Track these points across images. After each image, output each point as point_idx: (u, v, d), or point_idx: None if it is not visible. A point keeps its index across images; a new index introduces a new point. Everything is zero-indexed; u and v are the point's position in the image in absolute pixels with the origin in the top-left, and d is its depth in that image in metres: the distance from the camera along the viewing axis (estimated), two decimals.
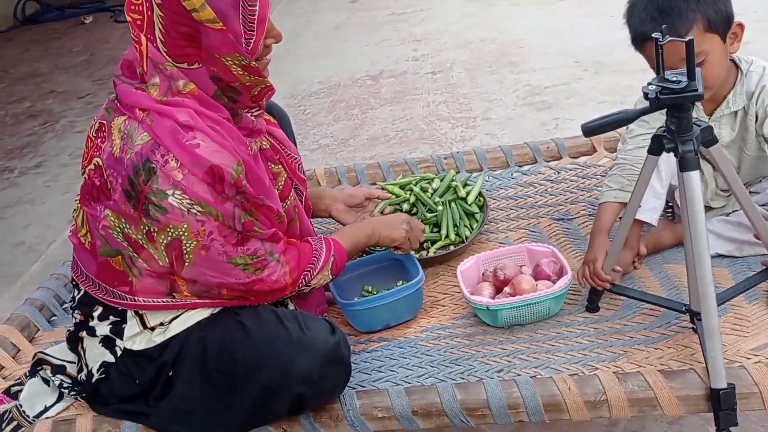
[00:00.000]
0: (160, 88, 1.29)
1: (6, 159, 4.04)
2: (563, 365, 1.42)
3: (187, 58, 1.27)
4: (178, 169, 1.25)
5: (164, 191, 1.25)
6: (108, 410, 1.47)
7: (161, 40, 1.27)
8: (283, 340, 1.33)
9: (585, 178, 2.03)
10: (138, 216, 1.29)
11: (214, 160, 1.26)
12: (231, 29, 1.25)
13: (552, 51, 3.99)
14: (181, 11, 1.23)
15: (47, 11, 7.29)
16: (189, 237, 1.28)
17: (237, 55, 1.27)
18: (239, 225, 1.31)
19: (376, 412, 1.37)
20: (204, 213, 1.27)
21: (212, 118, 1.30)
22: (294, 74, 4.32)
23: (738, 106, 1.59)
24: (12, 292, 2.73)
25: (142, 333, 1.40)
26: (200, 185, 1.26)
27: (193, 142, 1.25)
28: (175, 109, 1.28)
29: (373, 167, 2.25)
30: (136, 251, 1.33)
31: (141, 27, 1.28)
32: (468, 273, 1.66)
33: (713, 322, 1.25)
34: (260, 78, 1.33)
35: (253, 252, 1.35)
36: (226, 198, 1.28)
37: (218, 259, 1.32)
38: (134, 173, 1.26)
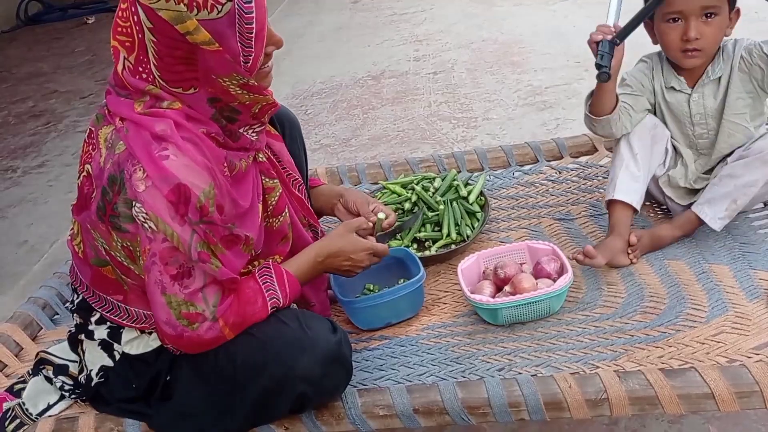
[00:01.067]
0: (145, 105, 1.26)
1: (9, 158, 4.05)
2: (564, 364, 1.42)
3: (182, 83, 1.24)
4: (143, 180, 1.20)
5: (130, 201, 1.21)
6: (110, 409, 1.47)
7: (155, 64, 1.22)
8: (284, 340, 1.33)
9: (586, 179, 2.03)
10: (107, 230, 1.26)
11: (182, 177, 1.20)
12: (228, 49, 1.21)
13: (553, 51, 3.99)
14: (174, 35, 1.19)
15: (50, 11, 7.32)
16: (141, 255, 1.25)
17: (234, 75, 1.23)
18: (195, 253, 1.23)
19: (377, 411, 1.38)
20: (155, 231, 1.21)
21: (193, 132, 1.26)
22: (296, 74, 4.33)
23: (717, 74, 1.66)
24: (15, 291, 2.74)
25: (140, 337, 1.41)
26: (161, 201, 1.20)
27: (162, 153, 1.21)
28: (154, 119, 1.24)
29: (375, 167, 2.26)
30: (119, 268, 1.31)
31: (131, 49, 1.23)
32: (468, 271, 1.66)
33: None
34: (260, 96, 1.30)
35: (189, 295, 1.26)
36: (186, 221, 1.22)
37: (154, 288, 1.25)
38: (109, 184, 1.24)
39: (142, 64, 1.24)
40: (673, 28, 1.60)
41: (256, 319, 1.34)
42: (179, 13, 1.17)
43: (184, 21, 1.17)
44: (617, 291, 1.60)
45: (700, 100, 1.68)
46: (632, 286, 1.60)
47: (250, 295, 1.35)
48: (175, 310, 1.26)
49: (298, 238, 1.54)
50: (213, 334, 1.30)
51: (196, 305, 1.27)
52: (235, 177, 1.34)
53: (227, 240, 1.29)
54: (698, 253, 1.64)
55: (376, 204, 1.70)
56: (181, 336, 1.28)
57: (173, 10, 1.17)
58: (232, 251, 1.30)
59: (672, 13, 1.59)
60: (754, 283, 1.53)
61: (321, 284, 1.62)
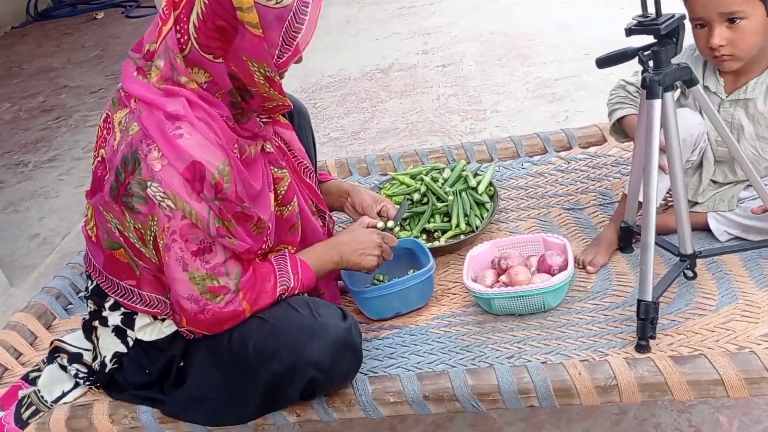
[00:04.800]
0: (162, 73, 1.26)
1: (20, 153, 4.08)
2: (574, 351, 1.42)
3: (213, 50, 1.25)
4: (159, 160, 1.21)
5: (145, 181, 1.22)
6: (124, 395, 1.49)
7: (195, 25, 1.23)
8: (295, 326, 1.34)
9: (595, 168, 2.03)
10: (120, 211, 1.27)
11: (197, 155, 1.22)
12: (268, 39, 1.22)
13: (562, 43, 3.98)
14: (227, 5, 1.20)
15: (59, 7, 7.37)
16: (159, 234, 1.26)
17: (265, 65, 1.25)
18: (213, 229, 1.26)
19: (388, 397, 1.39)
20: (173, 209, 1.23)
21: (207, 111, 1.27)
22: (304, 68, 4.31)
23: (754, 95, 1.58)
24: (27, 283, 2.77)
25: (153, 324, 1.43)
26: (177, 179, 1.21)
27: (176, 132, 1.22)
28: (168, 99, 1.24)
29: (384, 158, 2.26)
30: (132, 250, 1.32)
31: (176, 5, 1.24)
32: (478, 258, 1.67)
33: (649, 238, 1.38)
34: (279, 95, 1.31)
35: (211, 269, 1.29)
36: (203, 199, 1.24)
37: (175, 266, 1.27)
38: (122, 164, 1.24)
39: (181, 23, 1.24)
40: (700, 33, 1.54)
41: (268, 298, 1.37)
42: None
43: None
44: (627, 280, 1.61)
45: (731, 110, 1.61)
46: None
47: (265, 273, 1.38)
48: (199, 285, 1.29)
49: (308, 226, 1.56)
50: (232, 308, 1.32)
51: (219, 279, 1.30)
52: (245, 161, 1.36)
53: (239, 216, 1.31)
54: (708, 243, 1.64)
55: (384, 203, 1.71)
56: (202, 311, 1.31)
57: None
58: (243, 228, 1.32)
59: (695, 19, 1.53)
60: (764, 272, 1.53)
61: (331, 273, 1.63)
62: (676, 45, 1.36)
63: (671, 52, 1.36)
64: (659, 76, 1.35)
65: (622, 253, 1.70)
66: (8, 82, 5.45)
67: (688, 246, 1.48)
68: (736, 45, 1.50)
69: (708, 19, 1.49)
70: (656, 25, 1.32)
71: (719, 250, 1.58)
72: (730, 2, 1.45)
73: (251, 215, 1.33)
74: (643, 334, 1.38)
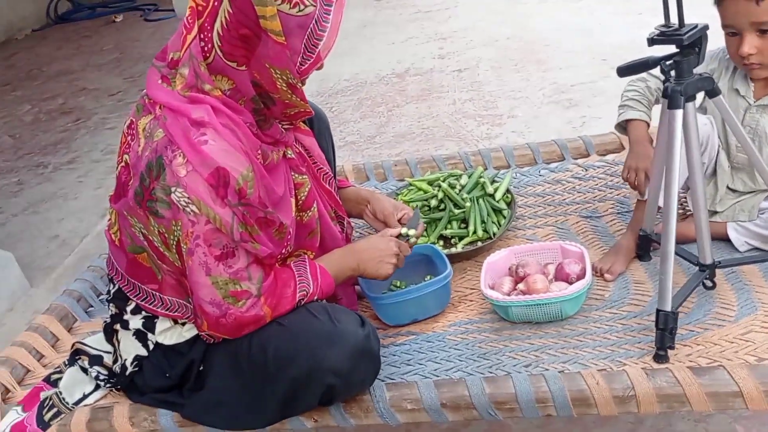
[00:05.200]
0: (186, 82, 1.28)
1: (40, 155, 4.13)
2: (591, 360, 1.42)
3: (236, 58, 1.26)
4: (184, 165, 1.23)
5: (169, 187, 1.24)
6: (144, 399, 1.51)
7: (219, 33, 1.25)
8: (314, 332, 1.35)
9: (613, 176, 2.02)
10: (145, 215, 1.29)
11: (221, 161, 1.23)
12: (290, 46, 1.24)
13: (579, 49, 3.97)
14: (250, 14, 1.22)
15: (79, 10, 7.45)
16: (182, 239, 1.27)
17: (287, 72, 1.26)
18: (237, 234, 1.28)
19: (405, 404, 1.39)
20: (197, 214, 1.24)
21: (231, 117, 1.28)
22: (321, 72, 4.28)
23: None
24: (47, 284, 2.80)
25: (173, 328, 1.44)
26: (202, 184, 1.23)
27: (201, 139, 1.24)
28: (192, 106, 1.26)
29: (401, 164, 2.27)
30: (156, 253, 1.34)
31: (201, 14, 1.26)
32: (496, 265, 1.67)
33: (669, 248, 1.37)
34: (301, 101, 1.33)
35: (234, 274, 1.30)
36: (227, 204, 1.25)
37: (198, 270, 1.29)
38: (147, 170, 1.26)
39: (204, 30, 1.26)
40: (732, 41, 1.55)
41: (288, 303, 1.38)
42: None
43: (266, 5, 1.21)
44: (645, 289, 1.60)
45: (757, 116, 1.61)
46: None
47: (286, 279, 1.40)
48: (221, 290, 1.30)
49: (327, 231, 1.57)
50: (254, 312, 1.34)
51: (241, 283, 1.32)
52: (268, 167, 1.37)
53: (261, 222, 1.32)
54: (728, 253, 1.64)
55: (404, 211, 1.72)
56: (224, 315, 1.32)
57: None
58: (265, 233, 1.34)
59: (727, 27, 1.53)
60: None
61: (349, 279, 1.64)
62: (698, 55, 1.36)
63: (693, 63, 1.36)
64: (681, 86, 1.36)
65: (640, 262, 1.70)
66: (29, 84, 5.51)
67: (708, 256, 1.48)
68: (765, 54, 1.51)
69: (739, 28, 1.50)
70: (679, 35, 1.32)
71: (739, 260, 1.58)
72: (762, 12, 1.46)
73: (273, 220, 1.34)
74: (661, 344, 1.38)
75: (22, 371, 1.68)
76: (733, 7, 1.49)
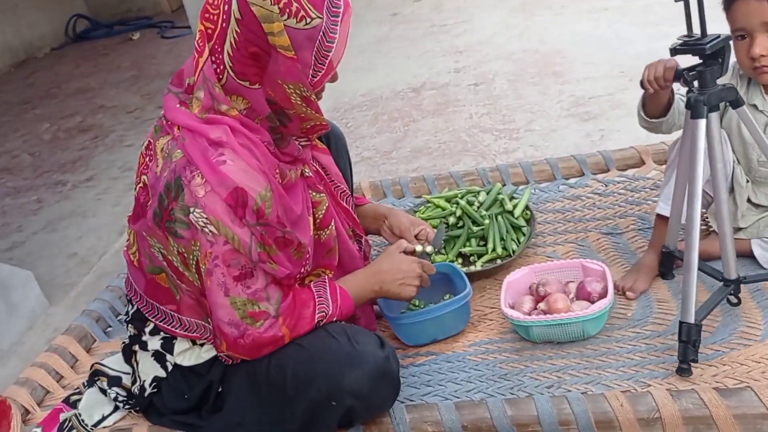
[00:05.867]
0: (203, 104, 1.29)
1: (59, 173, 4.17)
2: (615, 381, 1.40)
3: (249, 77, 1.27)
4: (202, 186, 1.23)
5: (188, 207, 1.24)
6: (163, 420, 1.50)
7: (229, 54, 1.26)
8: (333, 354, 1.34)
9: (634, 191, 2.00)
10: (164, 236, 1.29)
11: (239, 181, 1.23)
12: (301, 59, 1.24)
13: (596, 61, 3.95)
14: (258, 32, 1.23)
15: (96, 28, 7.54)
16: (201, 259, 1.27)
17: (300, 85, 1.26)
18: (255, 254, 1.28)
19: (426, 427, 1.38)
20: (216, 234, 1.24)
21: (248, 137, 1.29)
22: (336, 88, 4.29)
23: None
24: (66, 302, 2.81)
25: (192, 349, 1.44)
26: (220, 205, 1.23)
27: (219, 159, 1.24)
28: (210, 126, 1.27)
29: (419, 180, 2.26)
30: (175, 273, 1.34)
31: (210, 37, 1.27)
32: (516, 284, 1.66)
33: (693, 257, 1.37)
34: (316, 114, 1.32)
35: (252, 294, 1.30)
36: (245, 224, 1.26)
37: (217, 291, 1.28)
38: (165, 190, 1.26)
39: (215, 53, 1.27)
40: (741, 45, 1.52)
41: (307, 324, 1.37)
42: (270, 13, 1.21)
43: (272, 22, 1.21)
44: (668, 308, 1.58)
45: None
46: None
47: (305, 299, 1.39)
48: (239, 310, 1.30)
49: (345, 251, 1.56)
50: (272, 333, 1.33)
51: (260, 304, 1.31)
52: (286, 186, 1.37)
53: (280, 241, 1.32)
54: (752, 270, 1.61)
55: (422, 227, 1.71)
56: (242, 335, 1.31)
57: (266, 9, 1.21)
58: (283, 253, 1.33)
59: (737, 30, 1.52)
60: None
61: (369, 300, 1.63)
62: (721, 66, 1.34)
63: (717, 73, 1.35)
64: (704, 96, 1.34)
65: (663, 280, 1.67)
66: (47, 103, 5.58)
67: (732, 271, 1.45)
68: None
69: (750, 29, 1.49)
70: (701, 45, 1.31)
71: (764, 276, 1.54)
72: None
73: (292, 240, 1.34)
74: (684, 357, 1.36)
75: (42, 392, 1.68)
76: (743, 8, 1.47)
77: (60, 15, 7.40)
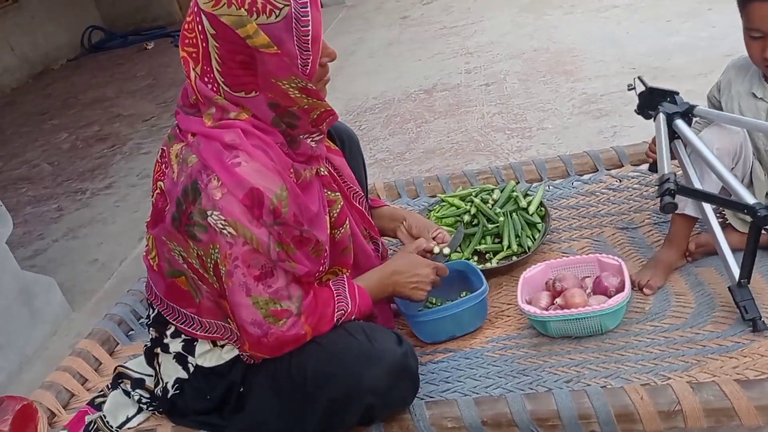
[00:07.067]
0: (213, 118, 1.31)
1: (78, 181, 4.23)
2: (634, 375, 1.40)
3: (244, 86, 1.28)
4: (219, 188, 1.24)
5: (206, 211, 1.25)
6: (186, 421, 1.52)
7: (218, 70, 1.27)
8: (352, 352, 1.35)
9: (648, 186, 2.00)
10: (184, 239, 1.30)
11: (255, 181, 1.25)
12: (286, 52, 1.25)
13: (607, 58, 3.94)
14: (235, 39, 1.23)
15: (112, 39, 7.64)
16: (221, 261, 1.28)
17: (294, 78, 1.27)
18: (274, 254, 1.29)
19: (446, 423, 1.38)
20: (234, 236, 1.25)
21: (261, 138, 1.30)
22: (349, 91, 4.39)
23: None
24: (87, 308, 2.85)
25: (213, 350, 1.45)
26: (238, 206, 1.24)
27: (234, 161, 1.25)
28: (224, 131, 1.28)
29: (432, 180, 2.27)
30: (195, 274, 1.35)
31: (197, 60, 1.29)
32: (532, 280, 1.66)
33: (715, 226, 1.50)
34: (319, 101, 1.33)
35: (273, 293, 1.31)
36: (263, 224, 1.27)
37: (239, 291, 1.30)
38: (183, 195, 1.27)
39: (207, 74, 1.29)
40: (755, 44, 1.53)
41: (328, 322, 1.39)
42: (240, 17, 1.22)
43: (245, 25, 1.22)
44: (686, 301, 1.58)
45: None
46: (702, 296, 1.57)
47: (326, 299, 1.41)
48: (262, 310, 1.31)
49: (360, 250, 1.57)
50: (295, 331, 1.34)
51: (281, 303, 1.33)
52: (302, 185, 1.38)
53: (297, 240, 1.33)
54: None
55: (439, 231, 1.74)
56: (266, 334, 1.33)
57: (234, 15, 1.22)
58: (302, 251, 1.35)
59: (752, 29, 1.52)
60: None
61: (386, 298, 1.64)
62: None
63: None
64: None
65: (679, 273, 1.66)
66: (65, 113, 5.66)
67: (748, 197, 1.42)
68: None
69: (766, 30, 1.49)
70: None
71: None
72: None
73: (310, 238, 1.35)
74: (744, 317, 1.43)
75: (67, 395, 1.71)
76: (761, 12, 1.47)
77: (76, 26, 7.50)
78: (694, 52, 3.58)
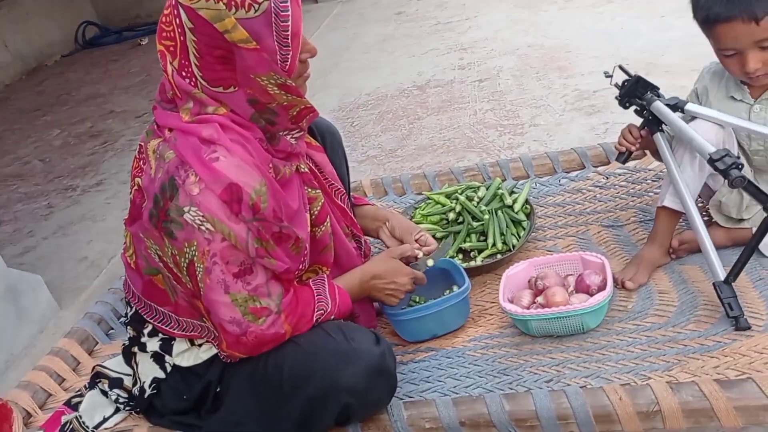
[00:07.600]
0: (191, 112, 1.29)
1: (69, 178, 4.20)
2: (614, 375, 1.38)
3: (222, 81, 1.27)
4: (196, 184, 1.22)
5: (182, 207, 1.23)
6: (163, 421, 1.51)
7: (196, 64, 1.26)
8: (329, 351, 1.34)
9: (635, 183, 1.98)
10: (160, 236, 1.28)
11: (233, 177, 1.23)
12: (265, 48, 1.23)
13: (601, 54, 3.92)
14: (214, 34, 1.22)
15: (106, 35, 7.60)
16: (198, 258, 1.26)
17: (273, 74, 1.26)
18: (252, 250, 1.27)
19: (423, 423, 1.37)
20: (213, 232, 1.23)
21: (240, 133, 1.29)
22: (342, 87, 4.37)
23: None
24: (76, 306, 2.84)
25: (190, 350, 1.44)
26: (216, 202, 1.22)
27: (212, 156, 1.23)
28: (201, 125, 1.27)
29: (419, 177, 2.25)
30: (170, 273, 1.34)
31: (174, 53, 1.27)
32: (515, 278, 1.64)
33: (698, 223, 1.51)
34: (298, 98, 1.31)
35: (253, 290, 1.29)
36: (241, 220, 1.25)
37: (217, 289, 1.28)
38: (160, 191, 1.26)
39: (185, 68, 1.27)
40: (731, 61, 1.51)
41: (308, 322, 1.38)
42: (218, 11, 1.21)
43: (223, 19, 1.21)
44: (670, 299, 1.56)
45: (762, 113, 1.58)
46: (685, 294, 1.56)
47: (307, 298, 1.40)
48: (241, 307, 1.30)
49: (341, 248, 1.56)
50: (274, 330, 1.33)
51: (261, 300, 1.31)
52: (281, 181, 1.36)
53: (277, 236, 1.31)
54: (754, 259, 1.58)
55: (421, 234, 1.72)
56: (245, 333, 1.31)
57: (213, 9, 1.21)
58: (281, 248, 1.33)
59: (725, 50, 1.50)
60: None
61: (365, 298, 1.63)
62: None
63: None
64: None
65: (663, 271, 1.65)
66: (58, 109, 5.63)
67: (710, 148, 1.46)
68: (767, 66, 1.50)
69: (741, 49, 1.48)
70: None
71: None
72: (763, 30, 1.43)
73: (290, 235, 1.34)
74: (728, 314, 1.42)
75: (44, 395, 1.70)
76: (731, 32, 1.46)
77: (69, 22, 7.46)
78: (689, 47, 3.55)
